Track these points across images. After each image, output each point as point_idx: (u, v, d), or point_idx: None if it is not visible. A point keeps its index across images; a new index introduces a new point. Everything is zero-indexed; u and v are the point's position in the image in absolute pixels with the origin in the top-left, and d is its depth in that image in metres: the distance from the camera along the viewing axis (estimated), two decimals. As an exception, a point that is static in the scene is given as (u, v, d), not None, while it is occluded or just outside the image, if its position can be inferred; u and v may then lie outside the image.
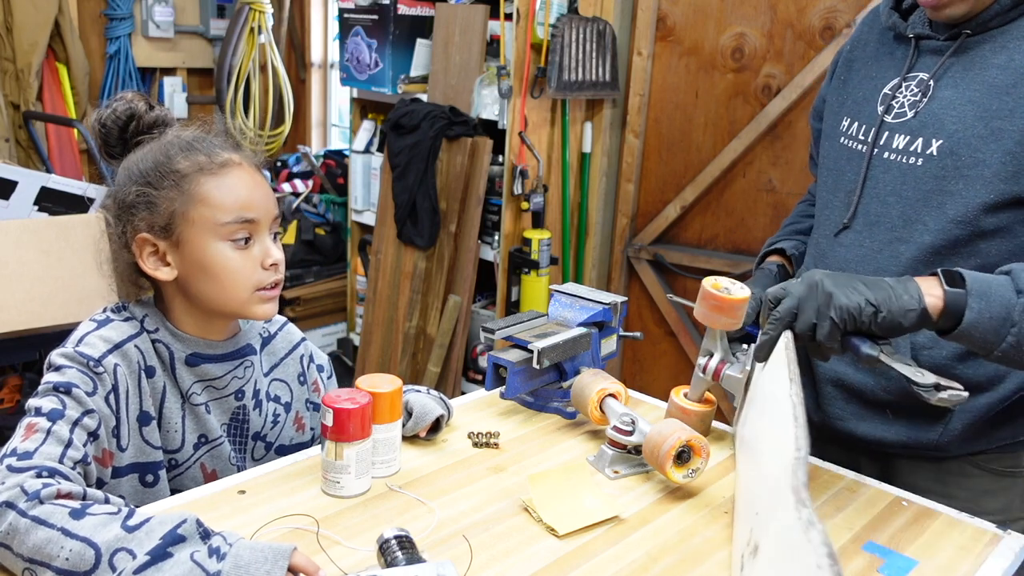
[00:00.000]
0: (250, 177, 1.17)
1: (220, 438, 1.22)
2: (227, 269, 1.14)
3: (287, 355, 1.33)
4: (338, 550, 1.00)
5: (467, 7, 2.95)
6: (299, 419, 1.34)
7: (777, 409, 0.99)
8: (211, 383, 1.20)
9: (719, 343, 1.29)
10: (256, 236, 1.16)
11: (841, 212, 1.35)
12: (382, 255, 3.25)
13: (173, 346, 1.17)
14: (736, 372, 1.27)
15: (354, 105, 3.45)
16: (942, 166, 1.23)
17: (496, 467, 1.25)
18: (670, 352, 3.17)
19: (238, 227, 1.13)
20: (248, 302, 1.16)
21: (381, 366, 3.27)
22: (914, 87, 1.28)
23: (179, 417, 1.18)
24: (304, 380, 1.35)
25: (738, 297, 1.21)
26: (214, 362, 1.20)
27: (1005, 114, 1.18)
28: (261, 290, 1.16)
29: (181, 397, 1.18)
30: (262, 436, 1.28)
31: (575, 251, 3.19)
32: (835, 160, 1.39)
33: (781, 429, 0.94)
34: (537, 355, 1.33)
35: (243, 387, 1.24)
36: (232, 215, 1.13)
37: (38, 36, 3.55)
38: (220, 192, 1.13)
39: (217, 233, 1.13)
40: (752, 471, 1.09)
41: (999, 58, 1.20)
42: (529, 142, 2.88)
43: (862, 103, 1.35)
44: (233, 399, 1.23)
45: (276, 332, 1.33)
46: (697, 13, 2.91)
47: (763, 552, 0.86)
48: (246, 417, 1.25)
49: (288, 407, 1.32)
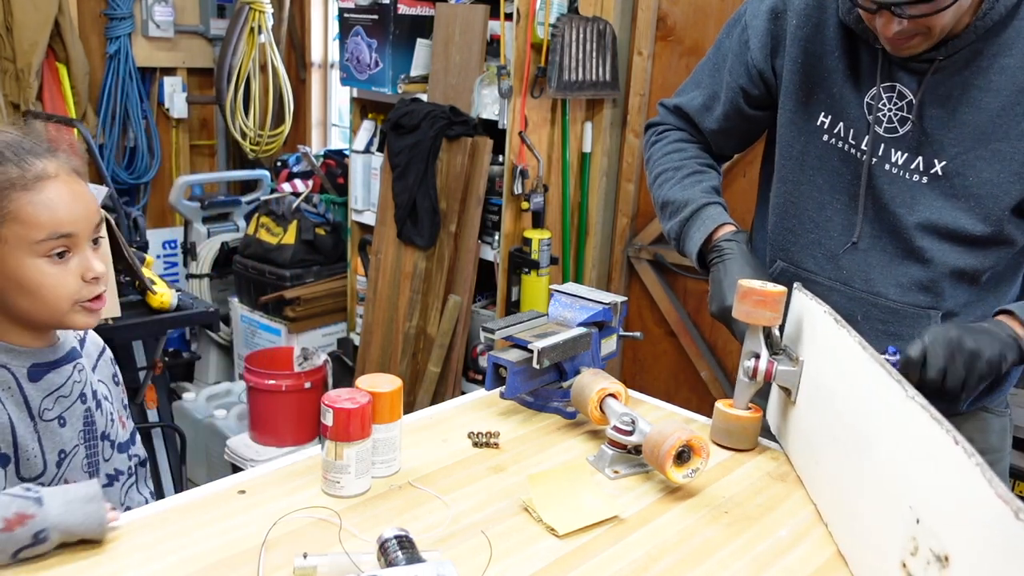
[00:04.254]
0: (67, 189, 1.11)
1: (76, 447, 1.19)
2: (44, 286, 1.10)
3: (99, 357, 1.31)
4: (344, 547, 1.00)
5: (467, 7, 2.95)
6: (120, 418, 1.32)
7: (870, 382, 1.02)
8: (58, 392, 1.17)
9: (762, 342, 1.29)
10: (74, 249, 1.12)
11: (846, 216, 1.37)
12: (382, 255, 3.25)
13: (11, 364, 1.13)
14: (789, 366, 1.28)
15: (354, 105, 3.45)
16: (950, 185, 1.28)
17: (496, 467, 1.25)
18: (670, 352, 3.17)
19: (54, 243, 1.09)
20: (68, 314, 1.13)
21: (381, 366, 3.27)
22: (896, 100, 1.30)
23: (34, 441, 1.14)
24: (117, 381, 1.34)
25: (778, 290, 1.24)
26: (54, 368, 1.17)
27: (1002, 136, 1.24)
28: (82, 302, 1.13)
29: (31, 419, 1.14)
30: (107, 436, 1.26)
31: (575, 251, 3.19)
32: (822, 159, 1.38)
33: (893, 414, 0.95)
34: (537, 355, 1.33)
35: (84, 389, 1.21)
36: (46, 232, 1.08)
37: (38, 36, 3.54)
38: (34, 209, 1.08)
39: (32, 251, 1.09)
40: (848, 461, 1.07)
41: (978, 80, 1.25)
42: (529, 142, 2.88)
43: (843, 103, 1.35)
44: (80, 403, 1.20)
45: (85, 335, 1.30)
46: (697, 13, 2.91)
47: (959, 562, 0.80)
48: (93, 419, 1.22)
49: (113, 406, 1.30)
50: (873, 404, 1.02)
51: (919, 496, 0.88)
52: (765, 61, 1.42)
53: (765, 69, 1.42)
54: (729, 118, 1.50)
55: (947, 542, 0.81)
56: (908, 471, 0.91)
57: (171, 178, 4.16)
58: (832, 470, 1.13)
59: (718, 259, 1.40)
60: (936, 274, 1.32)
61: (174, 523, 1.06)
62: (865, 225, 1.36)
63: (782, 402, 1.35)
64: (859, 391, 1.06)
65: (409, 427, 1.32)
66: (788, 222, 1.44)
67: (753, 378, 1.29)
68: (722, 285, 1.36)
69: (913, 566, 0.87)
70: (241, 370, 3.52)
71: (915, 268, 1.33)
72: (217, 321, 3.12)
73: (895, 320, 1.36)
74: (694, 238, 1.44)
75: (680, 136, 1.57)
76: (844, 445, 1.10)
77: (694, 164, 1.52)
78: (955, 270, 1.32)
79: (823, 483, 1.17)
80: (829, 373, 1.17)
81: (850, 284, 1.38)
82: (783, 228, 1.45)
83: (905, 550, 0.89)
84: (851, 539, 1.06)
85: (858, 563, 1.03)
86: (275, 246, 3.64)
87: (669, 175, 1.51)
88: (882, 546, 0.95)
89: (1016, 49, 1.22)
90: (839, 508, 1.11)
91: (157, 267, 3.97)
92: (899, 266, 1.34)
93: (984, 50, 1.24)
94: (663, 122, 1.61)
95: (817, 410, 1.20)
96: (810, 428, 1.23)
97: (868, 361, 1.04)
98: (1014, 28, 1.23)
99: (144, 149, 4.10)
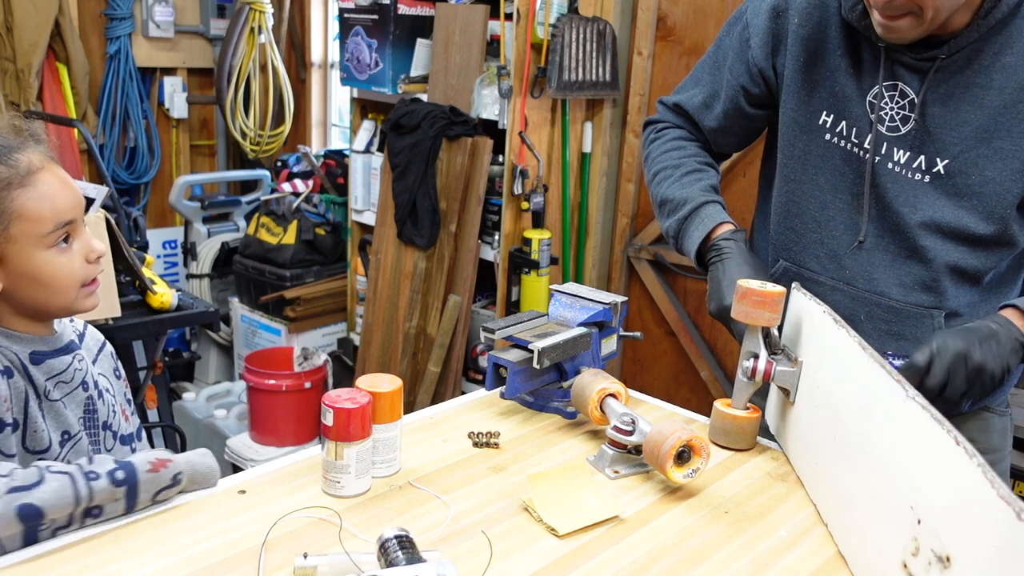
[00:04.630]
0: (57, 177, 1.14)
1: (79, 433, 1.21)
2: (57, 275, 1.14)
3: (99, 352, 1.33)
4: (341, 547, 1.00)
5: (467, 7, 2.95)
6: (124, 411, 1.33)
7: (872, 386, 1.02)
8: (59, 377, 1.19)
9: (761, 343, 1.29)
10: (74, 234, 1.16)
11: (850, 215, 1.37)
12: (382, 255, 3.25)
13: (13, 348, 1.14)
14: (787, 366, 1.28)
15: (354, 105, 3.45)
16: (953, 184, 1.29)
17: (496, 467, 1.25)
18: (670, 352, 3.17)
19: (60, 232, 1.13)
20: (76, 299, 1.17)
21: (381, 366, 3.27)
22: (899, 98, 1.30)
23: (40, 417, 1.15)
24: (119, 375, 1.36)
25: (777, 291, 1.24)
26: (54, 356, 1.19)
27: (1004, 134, 1.24)
28: (86, 285, 1.17)
29: (38, 396, 1.16)
30: (109, 426, 1.27)
31: (575, 251, 3.19)
32: (824, 158, 1.38)
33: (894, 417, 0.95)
34: (537, 355, 1.33)
35: (85, 378, 1.23)
36: (52, 224, 1.12)
37: (38, 36, 3.54)
38: (36, 204, 1.10)
39: (41, 244, 1.12)
40: (848, 462, 1.07)
41: (980, 78, 1.25)
42: (529, 142, 2.88)
43: (845, 102, 1.35)
44: (81, 390, 1.22)
45: (84, 331, 1.32)
46: (697, 13, 2.91)
47: (961, 563, 0.80)
48: (95, 407, 1.24)
49: (115, 399, 1.31)
50: (873, 404, 1.02)
51: (920, 496, 0.88)
52: (766, 59, 1.41)
53: (766, 67, 1.42)
54: (729, 116, 1.50)
55: (949, 543, 0.81)
56: (909, 471, 0.91)
57: (171, 178, 4.17)
58: (832, 470, 1.13)
59: (717, 258, 1.40)
60: (939, 273, 1.33)
61: (174, 523, 1.05)
62: (869, 225, 1.36)
63: (781, 402, 1.35)
64: (859, 391, 1.06)
65: (409, 427, 1.33)
66: (790, 221, 1.44)
67: (752, 378, 1.29)
68: (720, 284, 1.36)
69: (914, 566, 0.87)
70: (241, 370, 3.52)
71: (918, 267, 1.33)
72: (217, 321, 3.12)
73: (898, 320, 1.36)
74: (692, 236, 1.44)
75: (679, 134, 1.57)
76: (844, 445, 1.10)
77: (693, 162, 1.51)
78: (958, 269, 1.32)
79: (822, 483, 1.17)
80: (828, 373, 1.17)
81: (853, 284, 1.38)
82: (785, 228, 1.45)
83: (906, 550, 0.89)
84: (851, 539, 1.06)
85: (858, 563, 1.03)
86: (275, 246, 3.64)
87: (667, 173, 1.51)
88: (882, 546, 0.95)
89: (1018, 47, 1.22)
90: (839, 508, 1.11)
91: (157, 267, 3.98)
92: (902, 266, 1.35)
93: (986, 49, 1.24)
94: (662, 120, 1.60)
95: (816, 410, 1.20)
96: (809, 428, 1.23)
97: (868, 361, 1.04)
98: (1015, 26, 1.23)
99: (144, 149, 4.10)
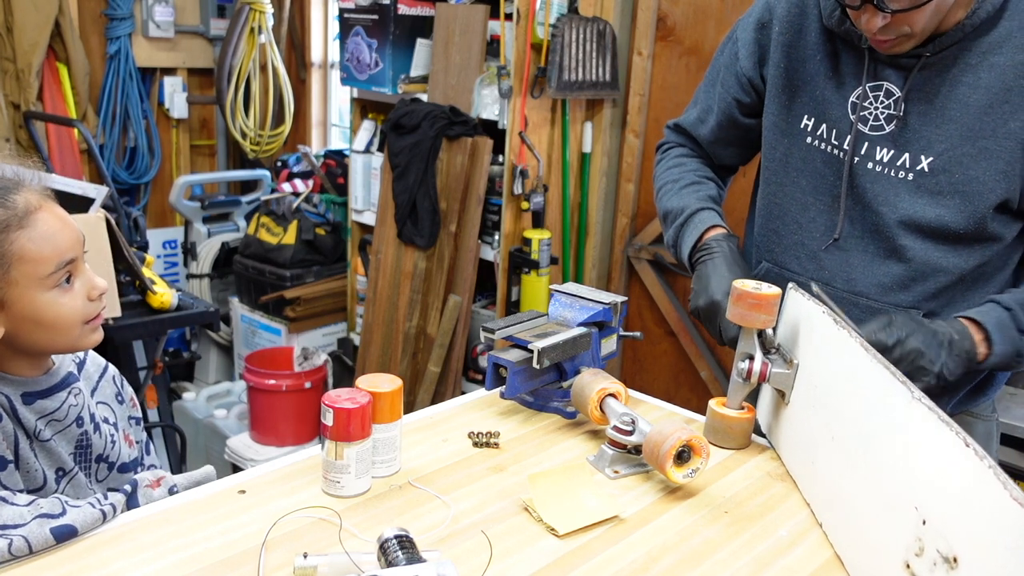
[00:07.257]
0: (55, 216, 1.11)
1: (74, 468, 1.19)
2: (60, 316, 1.11)
3: (100, 378, 1.31)
4: (342, 547, 1.00)
5: (467, 7, 2.95)
6: (127, 436, 1.32)
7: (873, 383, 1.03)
8: (52, 416, 1.16)
9: (756, 343, 1.29)
10: (76, 272, 1.13)
11: (829, 216, 1.39)
12: (382, 255, 3.25)
13: (3, 390, 1.11)
14: (783, 368, 1.28)
15: (354, 105, 3.45)
16: (936, 182, 1.29)
17: (496, 467, 1.25)
18: (670, 352, 3.17)
19: (61, 272, 1.10)
20: (80, 337, 1.14)
21: (381, 366, 3.27)
22: (883, 98, 1.31)
23: (33, 456, 1.13)
24: (122, 399, 1.34)
25: (773, 293, 1.24)
26: (47, 396, 1.16)
27: (989, 133, 1.24)
28: (88, 322, 1.14)
29: (28, 437, 1.13)
30: (104, 457, 1.25)
31: (575, 251, 3.19)
32: (805, 160, 1.40)
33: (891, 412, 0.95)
34: (537, 355, 1.33)
35: (80, 413, 1.20)
36: (53, 264, 1.09)
37: (38, 36, 3.54)
38: (36, 245, 1.07)
39: (42, 285, 1.09)
40: (848, 462, 1.07)
41: (967, 76, 1.26)
42: (529, 142, 2.88)
43: (826, 105, 1.37)
44: (75, 427, 1.20)
45: (85, 357, 1.29)
46: (697, 13, 2.91)
47: (969, 563, 0.80)
48: (89, 442, 1.22)
49: (116, 427, 1.30)
50: (876, 405, 1.02)
51: (926, 497, 0.88)
52: (754, 69, 1.46)
53: (755, 77, 1.46)
54: (723, 127, 1.55)
55: (956, 544, 0.81)
56: (914, 472, 0.91)
57: (171, 178, 4.17)
58: (829, 470, 1.13)
59: (706, 256, 1.43)
60: (917, 273, 1.33)
61: (174, 523, 1.06)
62: (846, 224, 1.37)
63: (775, 403, 1.35)
64: (861, 392, 1.06)
65: (409, 427, 1.33)
66: (772, 223, 1.47)
67: (747, 379, 1.29)
68: (708, 281, 1.39)
69: (918, 567, 0.87)
70: (241, 370, 3.52)
71: (897, 267, 1.34)
72: (217, 321, 3.12)
73: None
74: (687, 240, 1.48)
75: (681, 152, 1.63)
76: (843, 446, 1.09)
77: (692, 176, 1.57)
78: (936, 269, 1.33)
79: (818, 483, 1.17)
80: (827, 374, 1.17)
81: (832, 284, 1.40)
82: (768, 229, 1.48)
83: (909, 551, 0.89)
84: (848, 539, 1.06)
85: (855, 563, 1.03)
86: (275, 246, 3.64)
87: (669, 187, 1.57)
88: (883, 546, 0.95)
89: (1006, 48, 1.23)
90: (836, 508, 1.10)
91: (157, 267, 3.98)
92: (880, 265, 1.35)
93: (972, 48, 1.25)
94: (667, 141, 1.67)
95: (813, 411, 1.20)
96: (805, 429, 1.23)
97: (871, 362, 1.04)
98: (1003, 27, 1.24)
99: (144, 149, 4.10)
